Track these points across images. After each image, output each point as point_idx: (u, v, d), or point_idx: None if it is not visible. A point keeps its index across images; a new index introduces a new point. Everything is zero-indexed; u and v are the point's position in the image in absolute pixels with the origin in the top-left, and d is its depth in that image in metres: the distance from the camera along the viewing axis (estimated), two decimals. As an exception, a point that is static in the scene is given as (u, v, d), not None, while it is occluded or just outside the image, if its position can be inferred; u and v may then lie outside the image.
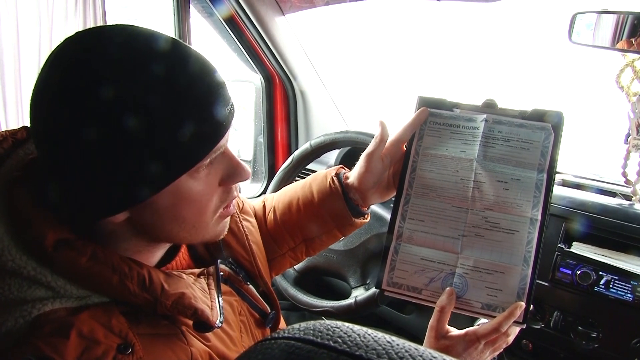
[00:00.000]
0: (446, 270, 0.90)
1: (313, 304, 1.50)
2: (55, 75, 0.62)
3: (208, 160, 0.68)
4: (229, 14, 1.84)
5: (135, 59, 0.62)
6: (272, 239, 1.08)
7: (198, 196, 0.69)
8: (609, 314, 1.18)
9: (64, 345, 0.59)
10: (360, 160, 1.00)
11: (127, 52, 0.62)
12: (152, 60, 0.62)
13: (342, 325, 0.36)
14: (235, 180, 0.73)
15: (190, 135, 0.63)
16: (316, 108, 2.15)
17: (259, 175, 2.23)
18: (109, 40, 0.63)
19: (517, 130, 0.92)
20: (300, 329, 0.37)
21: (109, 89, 0.59)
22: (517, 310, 0.84)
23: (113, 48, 0.62)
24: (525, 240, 0.87)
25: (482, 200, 0.90)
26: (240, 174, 0.73)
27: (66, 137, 0.60)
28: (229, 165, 0.72)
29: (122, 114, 0.59)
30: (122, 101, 0.59)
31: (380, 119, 1.00)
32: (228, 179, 0.72)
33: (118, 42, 0.62)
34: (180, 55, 0.65)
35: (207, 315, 0.71)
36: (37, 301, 0.63)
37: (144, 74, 0.61)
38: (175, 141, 0.63)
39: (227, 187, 0.74)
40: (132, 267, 0.67)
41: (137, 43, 0.63)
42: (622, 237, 1.22)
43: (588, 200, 1.30)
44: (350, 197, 1.01)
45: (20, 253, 0.64)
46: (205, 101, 0.65)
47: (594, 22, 1.28)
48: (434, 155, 0.95)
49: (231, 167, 0.72)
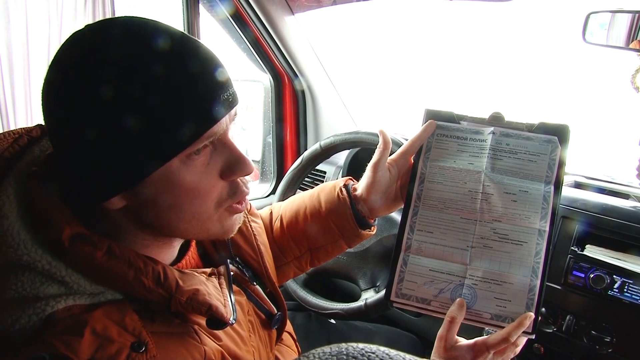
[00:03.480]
0: (455, 281, 0.90)
1: (323, 306, 1.49)
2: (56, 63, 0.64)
3: (199, 147, 0.66)
4: (239, 13, 1.83)
5: (116, 41, 0.62)
6: (277, 247, 1.09)
7: (193, 185, 0.67)
8: (623, 318, 1.17)
9: (78, 343, 0.59)
10: (367, 171, 1.01)
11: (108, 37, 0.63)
12: (134, 40, 0.62)
13: (377, 350, 0.35)
14: (235, 173, 0.71)
15: (176, 120, 0.62)
16: (325, 108, 2.14)
17: (267, 175, 2.22)
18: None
19: (524, 143, 0.93)
20: (332, 354, 0.35)
21: (97, 75, 0.60)
22: (527, 321, 0.85)
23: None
24: (534, 251, 0.88)
25: (491, 212, 0.91)
26: (242, 167, 0.70)
27: (62, 126, 0.63)
28: (229, 156, 0.70)
29: (106, 99, 0.59)
30: (108, 85, 0.60)
31: (380, 128, 1.01)
32: (229, 171, 0.70)
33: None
34: (171, 38, 0.64)
35: (221, 312, 0.71)
36: (50, 298, 0.63)
37: (125, 57, 0.61)
38: (162, 126, 0.62)
39: (233, 181, 0.72)
40: (147, 263, 0.67)
41: (118, 27, 0.64)
42: (636, 239, 1.20)
43: (601, 202, 1.28)
44: (358, 209, 1.02)
45: (36, 247, 0.64)
46: (195, 86, 0.64)
47: (608, 22, 1.27)
48: (442, 168, 0.96)
49: (232, 158, 0.70)
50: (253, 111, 2.28)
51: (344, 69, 2.38)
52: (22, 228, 0.64)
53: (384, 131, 1.00)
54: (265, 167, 2.24)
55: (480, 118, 0.97)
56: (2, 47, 1.44)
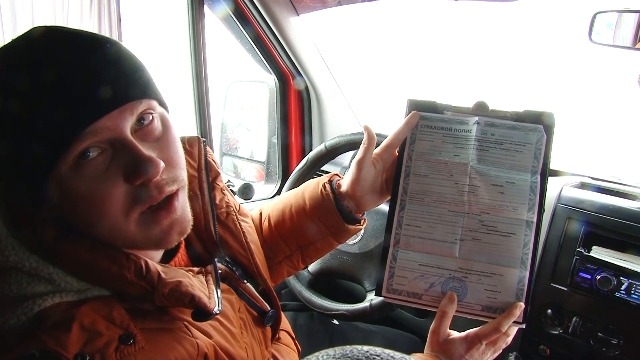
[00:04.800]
0: (445, 274, 0.91)
1: (328, 307, 1.49)
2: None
3: (79, 150, 0.62)
4: (244, 15, 1.83)
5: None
6: (267, 247, 1.09)
7: (87, 193, 0.64)
8: (630, 321, 1.16)
9: (66, 337, 0.60)
10: (351, 167, 1.00)
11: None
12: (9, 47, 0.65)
13: (382, 352, 0.34)
14: (139, 176, 0.65)
15: (40, 127, 0.61)
16: (330, 109, 2.14)
17: (272, 176, 2.22)
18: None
19: (509, 132, 0.93)
20: (335, 356, 0.34)
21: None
22: (517, 310, 0.87)
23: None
24: (522, 242, 0.89)
25: (478, 204, 0.91)
26: (144, 168, 0.64)
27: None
28: (130, 159, 0.65)
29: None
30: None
31: (365, 124, 1.00)
32: (132, 175, 0.65)
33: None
34: (37, 39, 0.65)
35: (204, 302, 0.71)
36: (37, 297, 0.64)
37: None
38: (30, 135, 0.62)
39: (137, 185, 0.66)
40: (129, 257, 0.68)
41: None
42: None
43: (607, 203, 1.27)
44: (344, 205, 1.02)
45: (23, 248, 0.65)
46: (54, 89, 0.61)
47: (615, 21, 1.26)
48: (428, 160, 0.95)
49: (133, 161, 0.65)
50: (258, 112, 2.28)
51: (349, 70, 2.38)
52: (9, 233, 0.66)
53: (369, 127, 0.98)
54: (270, 168, 2.24)
55: (464, 107, 0.96)
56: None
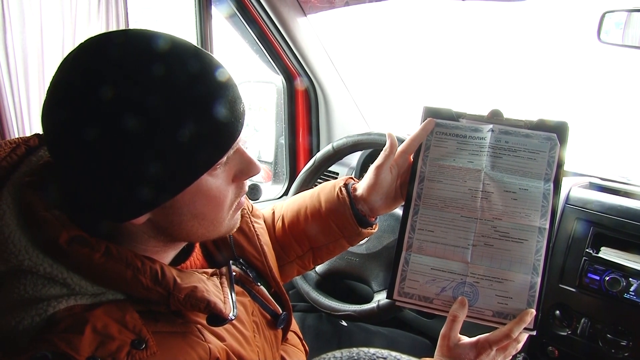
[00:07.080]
0: (457, 279, 0.91)
1: (335, 307, 1.49)
2: (62, 82, 0.64)
3: (225, 158, 0.70)
4: (251, 15, 1.84)
5: (138, 61, 0.63)
6: (280, 247, 1.10)
7: (217, 192, 0.72)
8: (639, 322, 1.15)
9: (79, 340, 0.60)
10: (369, 172, 1.01)
11: (130, 56, 0.63)
12: (152, 62, 0.63)
13: (388, 354, 0.34)
14: (248, 176, 0.76)
15: (207, 136, 0.66)
16: (338, 109, 2.14)
17: (280, 176, 2.22)
18: (111, 44, 0.64)
19: (523, 140, 0.94)
20: (342, 359, 0.35)
21: (115, 92, 0.60)
22: (528, 317, 0.87)
23: (115, 52, 0.63)
24: (534, 249, 0.90)
25: (491, 210, 0.92)
26: (253, 169, 0.75)
27: (81, 143, 0.62)
28: (241, 161, 0.74)
29: (125, 118, 0.60)
30: (127, 104, 0.61)
31: (388, 131, 1.01)
32: (241, 175, 0.75)
33: (120, 46, 0.64)
34: (197, 57, 0.67)
35: (219, 307, 0.71)
36: (52, 299, 0.64)
37: (146, 76, 0.62)
38: (196, 144, 0.65)
39: (240, 182, 0.76)
40: (144, 262, 0.68)
41: (141, 48, 0.64)
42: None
43: (616, 203, 1.27)
44: (359, 208, 1.03)
45: (37, 252, 0.65)
46: (219, 102, 0.66)
47: (624, 21, 1.25)
48: (442, 166, 0.96)
49: (244, 163, 0.75)
50: (265, 112, 2.28)
51: (357, 70, 2.38)
52: (23, 235, 0.66)
53: (392, 134, 1.00)
54: (277, 168, 2.24)
55: (479, 115, 0.98)
56: (18, 50, 1.45)
